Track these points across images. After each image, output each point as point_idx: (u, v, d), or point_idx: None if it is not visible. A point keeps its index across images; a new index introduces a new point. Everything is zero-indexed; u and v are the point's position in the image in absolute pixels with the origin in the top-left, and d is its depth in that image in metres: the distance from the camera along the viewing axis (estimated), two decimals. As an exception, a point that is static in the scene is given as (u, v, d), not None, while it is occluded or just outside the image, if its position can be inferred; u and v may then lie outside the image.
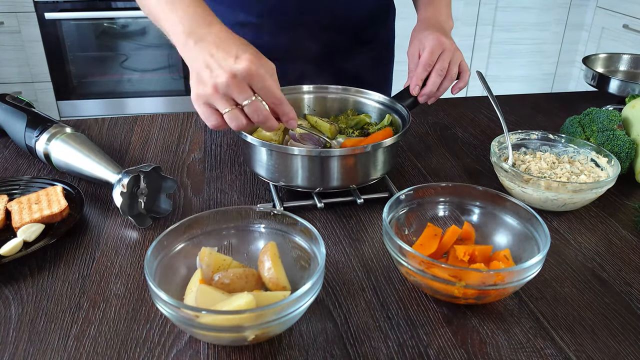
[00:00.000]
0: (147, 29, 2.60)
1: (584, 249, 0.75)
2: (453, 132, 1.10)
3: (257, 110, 0.68)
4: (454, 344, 0.59)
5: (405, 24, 1.33)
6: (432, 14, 1.00)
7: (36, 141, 0.86)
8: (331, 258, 0.72)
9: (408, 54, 0.96)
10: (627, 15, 2.65)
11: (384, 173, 0.84)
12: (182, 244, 0.64)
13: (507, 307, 0.64)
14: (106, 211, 0.80)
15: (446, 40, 0.91)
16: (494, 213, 0.72)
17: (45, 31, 2.49)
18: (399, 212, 0.71)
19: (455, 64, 0.92)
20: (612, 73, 1.31)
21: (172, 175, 0.91)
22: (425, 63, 0.91)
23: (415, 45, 0.94)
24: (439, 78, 0.91)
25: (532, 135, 0.93)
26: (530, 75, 3.12)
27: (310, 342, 0.59)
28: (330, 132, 0.90)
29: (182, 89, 2.75)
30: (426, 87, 0.92)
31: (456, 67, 0.93)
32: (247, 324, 0.52)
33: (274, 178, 0.81)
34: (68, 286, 0.66)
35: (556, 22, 2.99)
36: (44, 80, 2.59)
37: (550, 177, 0.83)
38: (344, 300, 0.65)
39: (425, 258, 0.59)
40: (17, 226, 0.73)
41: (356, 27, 1.13)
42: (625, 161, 0.89)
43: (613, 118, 0.93)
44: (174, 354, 0.57)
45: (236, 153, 0.98)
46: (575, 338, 0.60)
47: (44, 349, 0.57)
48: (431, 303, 0.64)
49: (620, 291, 0.67)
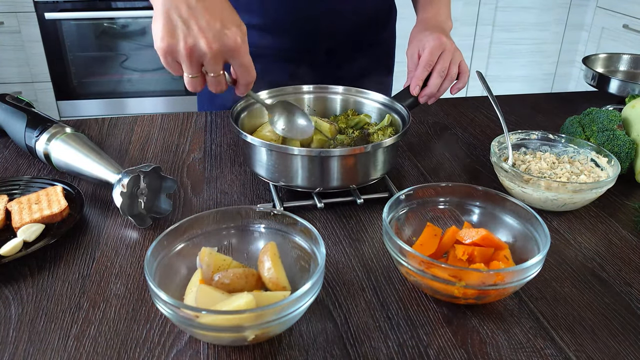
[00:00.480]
0: (147, 29, 2.60)
1: (584, 249, 0.75)
2: (453, 132, 1.10)
3: (218, 84, 0.67)
4: (454, 344, 0.59)
5: (405, 24, 1.33)
6: (431, 14, 1.01)
7: (36, 141, 0.86)
8: (331, 258, 0.72)
9: (407, 55, 0.97)
10: (627, 15, 2.65)
11: (383, 173, 0.84)
12: (182, 244, 0.64)
13: (507, 307, 0.64)
14: (106, 211, 0.80)
15: (446, 41, 0.92)
16: (494, 213, 0.72)
17: (45, 31, 2.49)
18: (399, 212, 0.71)
19: (455, 64, 0.93)
20: (612, 73, 1.31)
21: (172, 175, 0.91)
22: (425, 63, 0.91)
23: (414, 46, 0.94)
24: (440, 79, 0.91)
25: (532, 135, 0.93)
26: (530, 75, 3.12)
27: (310, 342, 0.59)
28: (330, 132, 0.90)
29: (182, 89, 2.75)
30: (427, 88, 0.92)
31: (456, 67, 0.93)
32: (247, 324, 0.52)
33: (274, 178, 0.81)
34: (68, 286, 0.66)
35: (556, 22, 2.99)
36: (44, 80, 2.59)
37: (550, 177, 0.83)
38: (344, 300, 0.65)
39: (425, 258, 0.59)
40: (17, 226, 0.73)
41: (359, 28, 1.13)
42: (625, 161, 0.89)
43: (613, 118, 0.93)
44: (174, 354, 0.57)
45: (236, 153, 0.98)
46: (575, 338, 0.60)
47: (44, 349, 0.57)
48: (431, 303, 0.64)
49: (620, 291, 0.67)
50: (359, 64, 1.17)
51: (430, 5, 1.03)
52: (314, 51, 1.11)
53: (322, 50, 1.12)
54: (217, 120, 1.11)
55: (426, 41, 0.92)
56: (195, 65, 0.64)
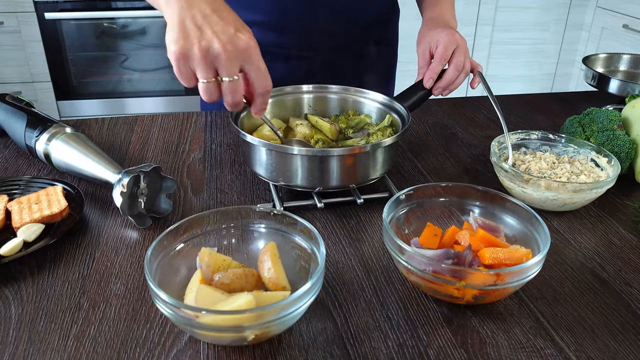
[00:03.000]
0: (147, 29, 2.60)
1: (584, 249, 0.75)
2: (453, 132, 1.10)
3: (235, 92, 0.64)
4: (454, 344, 0.59)
5: (406, 25, 1.33)
6: (438, 14, 1.03)
7: (36, 141, 0.86)
8: (331, 258, 0.72)
9: (418, 52, 0.98)
10: (627, 15, 2.65)
11: (383, 173, 0.84)
12: (182, 244, 0.64)
13: (507, 307, 0.64)
14: (106, 211, 0.80)
15: (459, 37, 0.95)
16: (494, 213, 0.72)
17: (45, 31, 2.49)
18: (399, 212, 0.71)
19: (468, 60, 0.94)
20: (612, 73, 1.31)
21: (172, 175, 0.91)
22: (440, 57, 0.92)
23: (426, 42, 0.96)
24: (457, 72, 0.93)
25: (532, 135, 0.93)
26: (530, 75, 3.12)
27: (310, 342, 0.59)
28: (331, 132, 0.90)
29: (182, 89, 2.75)
30: (442, 81, 0.94)
31: (469, 62, 0.94)
32: (247, 324, 0.52)
33: (273, 177, 0.81)
34: (68, 286, 0.66)
35: (556, 22, 2.99)
36: (44, 80, 2.59)
37: (550, 177, 0.83)
38: (344, 300, 0.65)
39: (425, 258, 0.59)
40: (17, 226, 0.73)
41: (362, 27, 1.13)
42: (625, 161, 0.89)
43: (613, 118, 0.93)
44: (174, 354, 0.57)
45: (236, 153, 0.98)
46: (575, 338, 0.60)
47: (44, 349, 0.57)
48: (431, 303, 0.64)
49: (620, 291, 0.67)
50: (363, 62, 1.17)
51: (437, 5, 1.05)
52: (316, 49, 1.11)
53: (325, 48, 1.12)
54: (217, 120, 1.11)
55: (439, 37, 0.93)
56: (210, 68, 0.63)
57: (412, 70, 1.00)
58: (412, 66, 1.06)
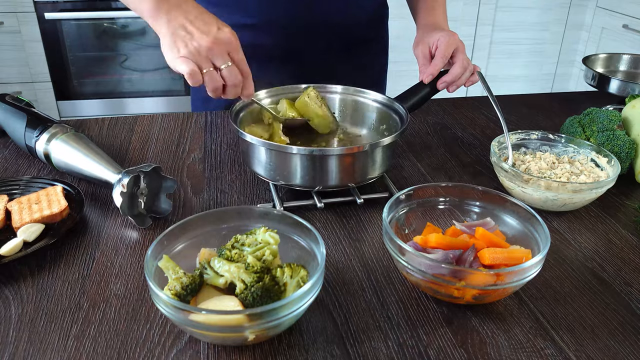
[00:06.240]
0: (147, 29, 2.60)
1: (584, 249, 0.75)
2: (453, 132, 1.10)
3: (234, 74, 0.75)
4: (454, 344, 0.59)
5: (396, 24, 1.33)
6: (433, 20, 1.06)
7: (36, 141, 0.86)
8: (331, 258, 0.72)
9: (417, 54, 0.98)
10: (627, 15, 2.65)
11: (382, 172, 0.84)
12: (182, 244, 0.64)
13: (507, 307, 0.64)
14: (106, 211, 0.80)
15: (458, 38, 0.96)
16: (494, 213, 0.72)
17: (45, 31, 2.49)
18: (399, 212, 0.71)
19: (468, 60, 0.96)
20: (612, 73, 1.31)
21: (172, 175, 0.91)
22: (442, 55, 0.94)
23: (425, 44, 0.97)
24: (462, 69, 0.95)
25: (532, 135, 0.93)
26: (530, 75, 3.12)
27: (310, 342, 0.59)
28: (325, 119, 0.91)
29: (182, 89, 2.75)
30: (447, 76, 0.96)
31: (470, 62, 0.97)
32: (247, 324, 0.52)
33: (272, 177, 0.81)
34: (68, 286, 0.66)
35: (556, 22, 2.99)
36: (44, 80, 2.59)
37: (550, 177, 0.83)
38: (344, 300, 0.65)
39: (425, 259, 0.59)
40: (17, 226, 0.73)
41: (354, 28, 1.14)
42: (625, 161, 0.89)
43: (613, 118, 0.93)
44: (174, 354, 0.57)
45: (236, 153, 0.98)
46: (575, 338, 0.60)
47: (44, 349, 0.57)
48: (431, 303, 0.64)
49: (620, 291, 0.67)
50: (355, 63, 1.18)
51: (431, 12, 1.07)
52: (308, 50, 1.12)
53: (317, 50, 1.12)
54: (217, 120, 1.11)
55: (439, 37, 0.95)
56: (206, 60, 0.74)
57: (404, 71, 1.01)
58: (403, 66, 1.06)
